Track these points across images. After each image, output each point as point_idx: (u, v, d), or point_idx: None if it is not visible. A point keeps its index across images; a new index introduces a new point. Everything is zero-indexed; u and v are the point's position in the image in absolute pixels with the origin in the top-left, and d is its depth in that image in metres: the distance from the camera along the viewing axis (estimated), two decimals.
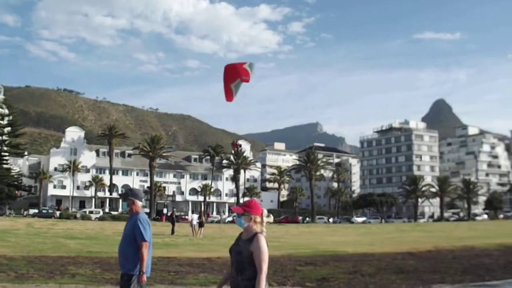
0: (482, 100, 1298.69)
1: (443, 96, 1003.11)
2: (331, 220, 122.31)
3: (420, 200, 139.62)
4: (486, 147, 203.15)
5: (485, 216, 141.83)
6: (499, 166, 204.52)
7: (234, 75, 11.61)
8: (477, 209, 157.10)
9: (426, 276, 15.41)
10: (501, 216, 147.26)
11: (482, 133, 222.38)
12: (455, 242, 33.79)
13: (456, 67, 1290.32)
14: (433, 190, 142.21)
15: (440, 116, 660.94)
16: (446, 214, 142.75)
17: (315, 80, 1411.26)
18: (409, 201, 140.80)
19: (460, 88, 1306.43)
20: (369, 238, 42.72)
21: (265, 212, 5.70)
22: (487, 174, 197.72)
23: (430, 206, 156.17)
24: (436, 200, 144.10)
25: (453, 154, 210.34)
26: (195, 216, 45.74)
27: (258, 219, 5.59)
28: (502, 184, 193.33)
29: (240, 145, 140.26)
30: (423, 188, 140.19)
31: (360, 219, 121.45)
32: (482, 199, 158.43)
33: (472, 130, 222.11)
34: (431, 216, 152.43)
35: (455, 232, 53.73)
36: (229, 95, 11.58)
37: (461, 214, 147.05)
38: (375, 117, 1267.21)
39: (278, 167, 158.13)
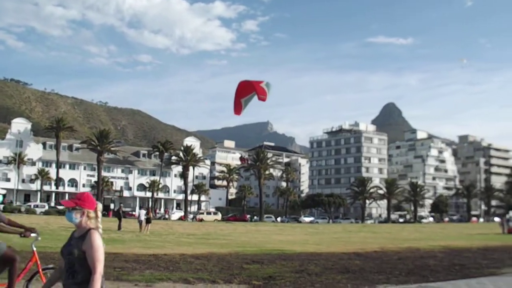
0: (431, 105, 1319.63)
1: (393, 100, 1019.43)
2: (279, 219, 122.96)
3: (367, 201, 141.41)
4: (434, 152, 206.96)
5: (431, 219, 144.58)
6: (446, 171, 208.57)
7: (246, 91, 11.96)
8: (423, 211, 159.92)
9: (372, 276, 15.49)
10: (446, 219, 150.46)
11: (430, 137, 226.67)
12: (401, 243, 34.22)
13: (408, 72, 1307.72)
14: (380, 192, 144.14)
15: (390, 120, 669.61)
16: (393, 216, 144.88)
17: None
18: (357, 202, 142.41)
19: (411, 92, 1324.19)
20: (316, 237, 42.94)
21: (100, 206, 4.99)
22: (434, 178, 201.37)
23: (378, 208, 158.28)
24: (384, 202, 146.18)
25: (402, 157, 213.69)
26: (143, 212, 45.30)
27: (92, 214, 4.88)
28: (448, 188, 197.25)
29: (248, 160, 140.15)
30: (371, 190, 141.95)
31: (308, 219, 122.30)
32: (428, 202, 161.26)
33: (420, 134, 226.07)
34: (378, 218, 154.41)
35: (401, 233, 54.45)
36: (238, 108, 12.61)
37: (408, 217, 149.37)
38: (326, 118, 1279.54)
39: (227, 165, 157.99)
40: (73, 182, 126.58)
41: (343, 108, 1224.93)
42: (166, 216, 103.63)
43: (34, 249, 8.65)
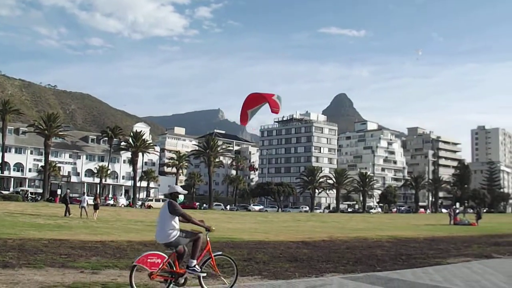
0: (382, 97, 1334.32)
1: (345, 91, 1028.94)
2: (228, 207, 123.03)
3: (317, 191, 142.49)
4: (383, 143, 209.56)
5: (379, 209, 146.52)
6: (395, 162, 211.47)
7: (254, 103, 12.21)
8: (372, 202, 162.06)
9: (319, 265, 15.52)
10: (394, 209, 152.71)
11: (380, 129, 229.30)
12: (349, 233, 34.48)
13: (359, 63, 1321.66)
14: (330, 182, 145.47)
15: (341, 110, 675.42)
16: (342, 206, 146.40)
17: (219, 67, 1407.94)
18: (306, 192, 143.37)
19: (362, 84, 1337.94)
20: (265, 226, 43.01)
21: None
22: (383, 169, 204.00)
23: (327, 197, 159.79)
24: (333, 192, 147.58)
25: (352, 147, 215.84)
26: (86, 197, 44.62)
27: None
28: (397, 179, 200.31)
29: (257, 169, 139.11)
30: (321, 180, 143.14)
31: (257, 207, 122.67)
32: (377, 192, 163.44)
33: (371, 126, 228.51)
34: (327, 207, 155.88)
35: (350, 223, 54.96)
36: (244, 119, 13.73)
37: (356, 206, 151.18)
38: None
39: (177, 152, 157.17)
40: (19, 167, 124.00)
41: (295, 97, 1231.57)
42: (114, 203, 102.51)
43: (208, 239, 10.68)
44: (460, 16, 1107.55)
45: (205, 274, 10.31)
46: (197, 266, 10.11)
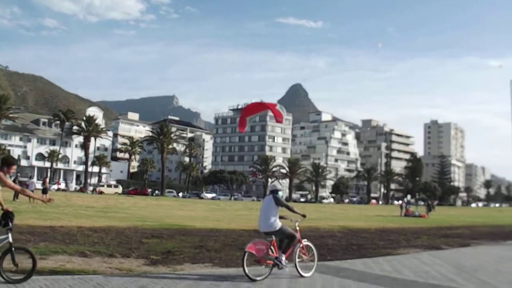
0: (337, 89, 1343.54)
1: (300, 81, 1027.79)
2: (180, 194, 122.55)
3: (270, 180, 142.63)
4: (337, 134, 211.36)
5: (332, 200, 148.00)
6: (348, 153, 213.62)
7: (254, 110, 12.83)
8: (325, 192, 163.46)
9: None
10: (346, 200, 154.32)
11: (334, 120, 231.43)
12: (302, 222, 34.56)
13: (316, 55, 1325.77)
14: (283, 171, 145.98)
15: (296, 100, 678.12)
16: (294, 196, 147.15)
17: (175, 53, 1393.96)
18: (259, 180, 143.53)
19: (318, 75, 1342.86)
20: (217, 214, 42.95)
21: None
22: (336, 160, 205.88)
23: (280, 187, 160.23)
24: (286, 181, 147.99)
25: (305, 138, 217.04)
26: (32, 181, 43.83)
27: None
28: (349, 170, 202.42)
29: (258, 174, 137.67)
30: (274, 169, 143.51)
31: (209, 195, 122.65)
32: (330, 183, 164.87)
33: (325, 117, 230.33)
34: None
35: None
36: (242, 125, 15.33)
37: (309, 196, 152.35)
38: (232, 95, 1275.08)
39: (130, 138, 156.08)
40: None
41: (250, 86, 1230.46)
42: (64, 187, 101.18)
43: (298, 227, 12.65)
44: (414, 11, 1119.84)
45: (287, 269, 11.56)
46: (284, 260, 11.42)
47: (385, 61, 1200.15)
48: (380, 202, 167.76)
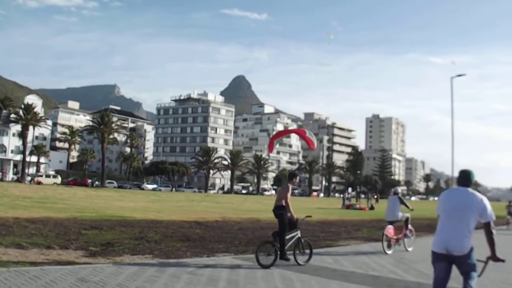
0: (280, 81, 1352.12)
1: (244, 73, 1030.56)
2: (121, 185, 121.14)
3: (212, 171, 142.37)
4: (279, 126, 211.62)
5: (273, 192, 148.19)
6: (290, 146, 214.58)
7: (282, 134, 15.85)
8: (266, 184, 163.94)
9: (212, 245, 15.49)
10: None
11: (277, 112, 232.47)
12: (242, 214, 34.71)
13: (259, 47, 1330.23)
14: (225, 163, 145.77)
15: (239, 92, 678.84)
16: (236, 187, 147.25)
17: (118, 41, 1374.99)
18: (201, 172, 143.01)
19: (261, 67, 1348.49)
20: (158, 205, 42.68)
21: None
22: (278, 152, 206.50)
23: (221, 178, 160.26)
24: (228, 173, 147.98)
25: (248, 130, 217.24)
26: None
27: None
28: (291, 163, 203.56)
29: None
30: (216, 160, 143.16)
31: (150, 186, 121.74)
32: (271, 175, 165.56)
33: (268, 109, 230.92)
34: (222, 188, 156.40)
35: (244, 204, 55.39)
36: (271, 148, 19.67)
37: (251, 188, 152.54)
38: (175, 85, 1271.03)
39: (70, 127, 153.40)
40: None
41: (193, 77, 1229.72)
42: (1, 177, 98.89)
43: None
44: (357, 5, 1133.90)
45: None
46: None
47: (329, 54, 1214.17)
48: (322, 195, 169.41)
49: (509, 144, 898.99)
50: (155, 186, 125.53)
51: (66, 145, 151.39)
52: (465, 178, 6.84)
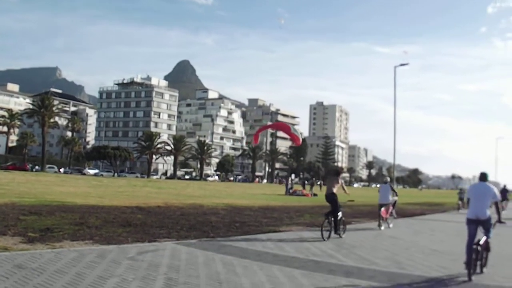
0: (225, 67, 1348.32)
1: (188, 58, 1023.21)
2: (62, 170, 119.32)
3: (154, 156, 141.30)
4: (223, 112, 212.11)
5: (216, 177, 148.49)
6: (234, 131, 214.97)
7: (267, 128, 23.44)
8: (210, 170, 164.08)
9: (153, 231, 15.37)
10: (231, 178, 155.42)
11: (221, 98, 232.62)
12: (185, 199, 34.54)
13: (205, 31, 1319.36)
14: (168, 148, 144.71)
15: (183, 77, 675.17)
16: (179, 173, 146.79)
17: (60, 23, 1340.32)
18: (144, 157, 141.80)
19: (206, 52, 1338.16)
20: (99, 190, 42.12)
21: None
22: (222, 138, 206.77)
23: (164, 164, 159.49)
24: (171, 158, 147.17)
25: (192, 115, 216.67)
26: None
27: None
28: (235, 149, 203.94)
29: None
30: (159, 145, 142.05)
31: (92, 171, 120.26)
32: (215, 161, 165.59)
33: (212, 94, 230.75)
34: (164, 174, 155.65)
35: (186, 190, 55.14)
36: (256, 139, 22.81)
37: (194, 174, 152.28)
38: (118, 69, 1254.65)
39: (9, 110, 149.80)
40: None
41: (138, 61, 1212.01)
42: None
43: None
44: None
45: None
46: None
47: (275, 41, 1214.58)
48: (265, 181, 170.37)
49: (449, 133, 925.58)
50: (97, 171, 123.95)
51: (5, 129, 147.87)
52: (484, 176, 11.54)
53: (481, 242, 10.89)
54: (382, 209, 20.70)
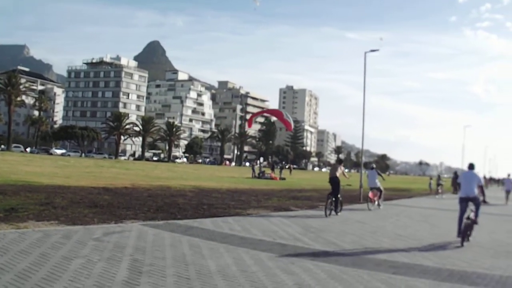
0: (196, 49, 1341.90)
1: (159, 38, 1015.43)
2: (28, 149, 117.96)
3: (122, 137, 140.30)
4: (193, 94, 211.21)
5: (185, 159, 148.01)
6: (203, 114, 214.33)
7: (260, 113, 24.82)
8: (178, 152, 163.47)
9: (120, 212, 15.28)
10: (200, 160, 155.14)
11: (191, 80, 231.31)
12: (153, 181, 34.44)
13: (175, 12, 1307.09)
14: (136, 129, 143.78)
15: (153, 58, 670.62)
16: (147, 154, 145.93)
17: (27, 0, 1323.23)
18: (112, 138, 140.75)
19: (177, 33, 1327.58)
20: (66, 170, 41.76)
21: None
22: (191, 120, 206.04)
23: (133, 145, 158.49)
24: (139, 139, 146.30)
25: (161, 96, 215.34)
26: None
27: None
28: (204, 131, 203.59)
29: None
30: (127, 126, 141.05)
31: (59, 151, 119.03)
32: (183, 143, 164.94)
33: (182, 76, 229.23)
34: (132, 155, 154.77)
35: (154, 172, 54.94)
36: (250, 123, 29.28)
37: (162, 155, 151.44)
38: (88, 49, 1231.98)
39: None
40: None
41: (107, 40, 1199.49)
42: None
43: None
44: None
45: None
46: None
47: (247, 25, 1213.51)
48: (233, 164, 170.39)
49: (418, 121, 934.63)
50: (64, 151, 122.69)
51: None
52: (471, 166, 14.91)
53: (471, 216, 13.96)
54: (370, 192, 24.22)
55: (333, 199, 19.38)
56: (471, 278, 9.19)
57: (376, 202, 24.43)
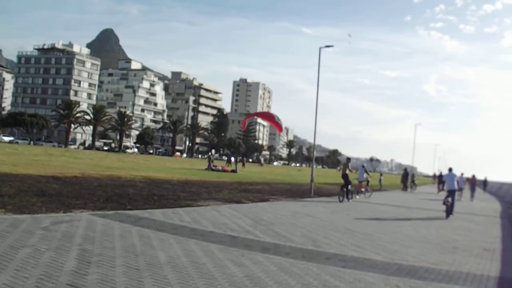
0: (150, 38, 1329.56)
1: (112, 26, 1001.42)
2: None
3: (73, 126, 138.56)
4: (145, 84, 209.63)
5: (136, 150, 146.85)
6: (155, 104, 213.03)
7: (254, 115, 32.68)
8: (129, 142, 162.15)
9: (69, 201, 15.06)
10: (151, 151, 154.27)
11: (144, 69, 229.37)
12: (103, 171, 34.06)
13: (130, 1, 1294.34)
14: (87, 117, 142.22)
15: (106, 46, 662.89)
16: (98, 143, 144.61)
17: None
18: (62, 126, 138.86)
19: (131, 21, 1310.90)
20: (14, 158, 40.98)
21: None
22: (143, 110, 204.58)
23: (83, 134, 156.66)
24: (90, 128, 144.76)
25: (113, 85, 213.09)
26: None
27: None
28: (156, 121, 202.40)
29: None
30: (78, 115, 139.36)
31: (7, 138, 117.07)
32: (135, 133, 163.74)
33: (135, 65, 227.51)
34: (83, 144, 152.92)
35: (104, 161, 54.35)
36: (245, 125, 47.89)
37: (113, 145, 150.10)
38: (39, 34, 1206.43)
39: None
40: None
41: (59, 26, 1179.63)
42: None
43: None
44: None
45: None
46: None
47: (202, 15, 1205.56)
48: (185, 155, 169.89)
49: (370, 117, 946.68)
50: (11, 138, 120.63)
51: None
52: (451, 169, 23.89)
53: (450, 201, 22.73)
54: (358, 184, 32.43)
55: (345, 189, 26.97)
56: (419, 272, 9.41)
57: (366, 191, 33.32)
